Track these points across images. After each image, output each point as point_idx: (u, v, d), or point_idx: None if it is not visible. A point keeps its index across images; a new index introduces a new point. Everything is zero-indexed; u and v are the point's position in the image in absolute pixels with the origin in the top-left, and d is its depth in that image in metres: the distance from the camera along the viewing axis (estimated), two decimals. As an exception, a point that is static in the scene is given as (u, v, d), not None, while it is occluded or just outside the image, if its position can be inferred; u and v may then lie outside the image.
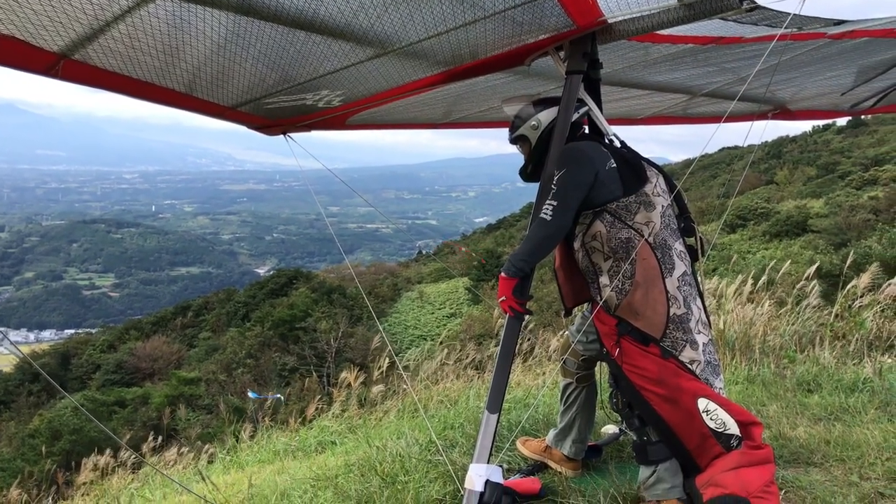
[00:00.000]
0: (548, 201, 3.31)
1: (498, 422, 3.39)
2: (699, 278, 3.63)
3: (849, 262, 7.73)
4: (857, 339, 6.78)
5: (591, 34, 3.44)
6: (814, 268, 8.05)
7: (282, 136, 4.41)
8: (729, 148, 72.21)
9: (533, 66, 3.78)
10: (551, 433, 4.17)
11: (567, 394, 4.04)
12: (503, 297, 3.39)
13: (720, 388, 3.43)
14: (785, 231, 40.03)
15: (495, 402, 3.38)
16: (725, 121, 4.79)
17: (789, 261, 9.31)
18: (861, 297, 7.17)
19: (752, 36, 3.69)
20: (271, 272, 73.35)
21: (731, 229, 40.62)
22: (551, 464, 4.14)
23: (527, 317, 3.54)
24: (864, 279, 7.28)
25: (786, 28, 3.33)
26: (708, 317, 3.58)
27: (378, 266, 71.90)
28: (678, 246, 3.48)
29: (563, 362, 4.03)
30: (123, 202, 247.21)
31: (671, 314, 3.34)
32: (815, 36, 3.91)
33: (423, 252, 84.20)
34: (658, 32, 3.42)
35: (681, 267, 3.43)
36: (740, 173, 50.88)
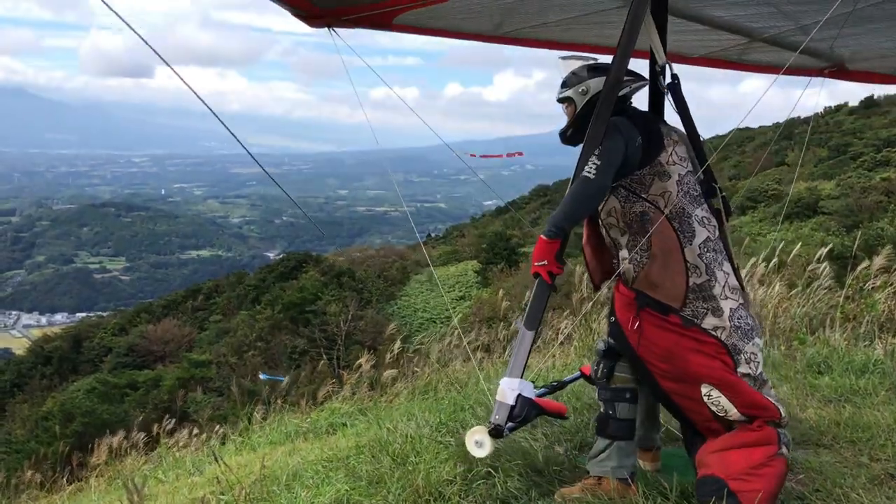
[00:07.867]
0: (592, 159, 3.22)
1: (534, 340, 3.33)
2: (729, 240, 3.57)
3: (859, 243, 7.64)
4: (868, 321, 6.76)
5: None
6: (825, 249, 8.00)
7: (325, 28, 4.04)
8: (740, 129, 71.48)
9: None
10: None
11: None
12: (544, 262, 3.20)
13: (752, 353, 3.37)
14: (796, 213, 39.73)
15: (533, 319, 3.26)
16: (783, 73, 4.53)
17: (800, 243, 9.22)
18: (874, 277, 7.13)
19: None
20: (281, 255, 73.31)
21: (741, 211, 40.32)
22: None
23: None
24: (878, 261, 7.23)
25: None
26: (740, 279, 3.51)
27: (387, 249, 71.76)
28: (699, 212, 3.43)
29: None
30: (133, 186, 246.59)
31: (690, 283, 3.32)
32: None
33: (433, 235, 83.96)
34: None
35: (702, 234, 3.39)
36: (751, 155, 50.40)
